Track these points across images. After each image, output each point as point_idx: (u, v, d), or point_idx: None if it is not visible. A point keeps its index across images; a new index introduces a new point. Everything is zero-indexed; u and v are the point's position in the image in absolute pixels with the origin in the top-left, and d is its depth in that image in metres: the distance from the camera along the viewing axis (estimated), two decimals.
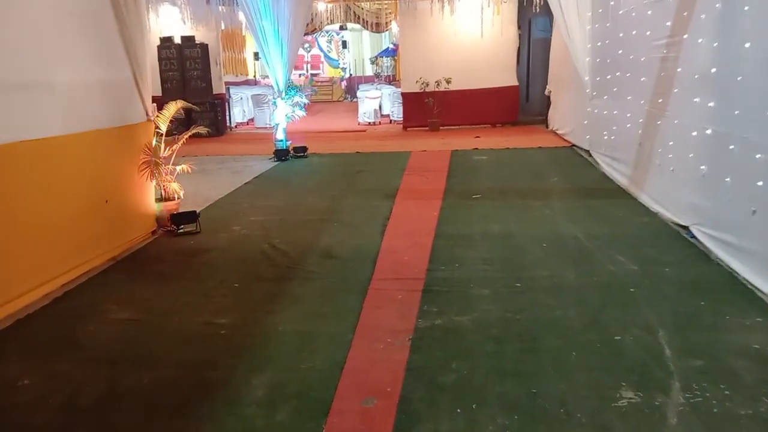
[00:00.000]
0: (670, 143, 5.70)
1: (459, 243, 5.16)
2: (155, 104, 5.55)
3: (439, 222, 5.86)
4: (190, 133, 5.81)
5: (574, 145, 10.19)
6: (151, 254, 5.17)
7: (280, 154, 9.83)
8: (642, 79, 6.57)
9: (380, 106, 16.10)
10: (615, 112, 7.74)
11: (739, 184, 4.29)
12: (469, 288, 4.11)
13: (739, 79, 4.32)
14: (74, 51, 4.52)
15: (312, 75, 26.16)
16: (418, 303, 3.88)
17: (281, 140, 10.06)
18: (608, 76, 8.10)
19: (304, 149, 10.15)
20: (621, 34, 7.45)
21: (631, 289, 4.01)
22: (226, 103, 14.79)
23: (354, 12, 15.30)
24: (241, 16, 12.58)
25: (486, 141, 11.45)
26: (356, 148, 10.93)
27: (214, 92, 13.88)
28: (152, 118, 5.49)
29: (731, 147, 4.43)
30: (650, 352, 3.20)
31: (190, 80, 13.57)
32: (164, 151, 5.62)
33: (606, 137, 8.14)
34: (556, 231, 5.43)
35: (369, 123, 15.38)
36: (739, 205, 4.24)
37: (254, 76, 21.72)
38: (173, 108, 5.60)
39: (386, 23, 16.08)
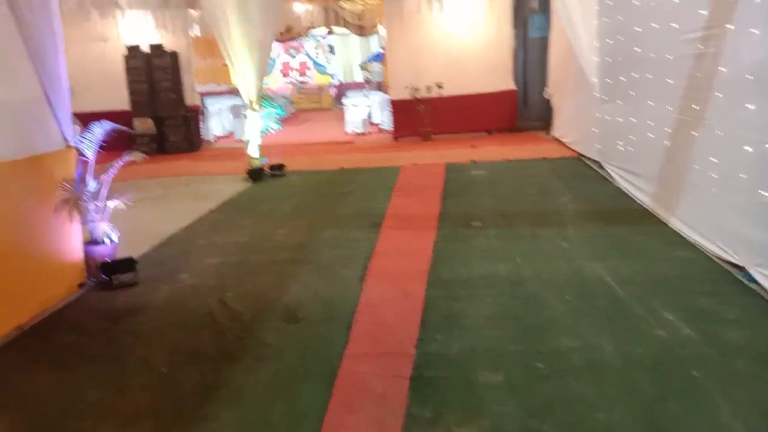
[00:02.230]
0: (712, 159, 4.66)
1: (458, 293, 4.10)
2: (79, 125, 4.48)
3: (433, 261, 4.81)
4: (122, 163, 4.73)
5: (581, 155, 9.16)
6: (69, 319, 4.08)
7: (254, 174, 8.76)
8: (668, 81, 5.55)
9: (369, 115, 15.07)
10: (632, 119, 6.71)
11: None
12: (474, 372, 3.05)
13: None
14: None
15: (300, 82, 25.13)
16: (404, 401, 2.81)
17: (255, 157, 9.00)
18: (622, 78, 7.07)
19: (281, 167, 9.08)
20: (638, 28, 6.42)
21: (694, 372, 2.95)
22: (201, 116, 13.70)
23: (336, 13, 14.25)
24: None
25: (483, 151, 10.41)
26: (341, 163, 9.86)
27: (186, 104, 12.82)
28: (73, 144, 4.42)
29: None
30: None
31: (160, 92, 12.50)
32: (92, 183, 4.55)
33: (621, 148, 7.11)
34: (577, 272, 4.37)
35: (357, 133, 14.33)
36: None
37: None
38: (98, 130, 4.52)
39: (371, 26, 15.03)
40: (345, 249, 5.25)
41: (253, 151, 8.97)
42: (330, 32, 20.53)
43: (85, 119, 12.83)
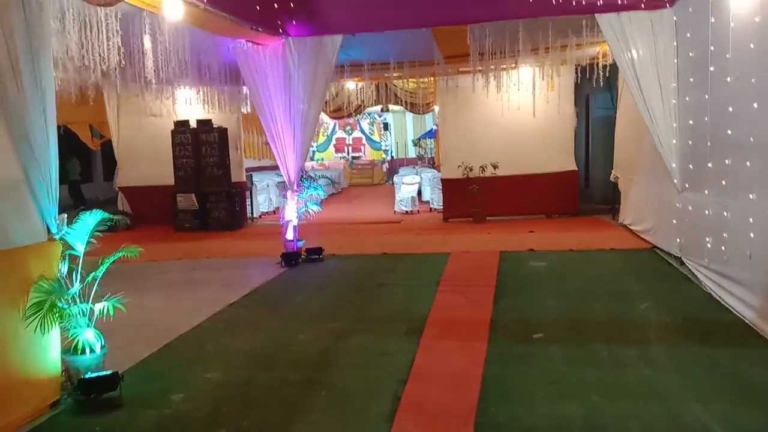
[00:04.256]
0: None
1: None
2: (65, 215, 3.83)
3: (484, 392, 3.80)
4: (113, 259, 4.04)
5: (656, 247, 8.05)
6: None
7: (289, 258, 8.04)
8: None
9: (419, 192, 14.39)
10: (725, 213, 5.64)
11: None
12: None
13: None
14: None
15: (353, 158, 25.05)
16: None
17: (296, 240, 8.31)
18: (709, 165, 6.05)
19: (318, 251, 8.34)
20: (730, 109, 5.47)
21: None
22: (248, 192, 13.29)
23: (390, 90, 13.88)
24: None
25: (542, 238, 9.41)
26: (385, 247, 9.07)
27: (232, 180, 12.44)
28: (56, 237, 3.76)
29: None
30: None
31: (206, 167, 12.20)
32: (78, 283, 3.85)
33: (710, 245, 5.99)
34: (676, 423, 3.29)
35: (406, 212, 13.61)
36: None
37: None
38: (91, 221, 3.86)
39: (425, 104, 14.59)
40: (374, 367, 4.32)
41: (289, 234, 8.29)
42: (383, 110, 20.38)
43: (128, 193, 12.69)
